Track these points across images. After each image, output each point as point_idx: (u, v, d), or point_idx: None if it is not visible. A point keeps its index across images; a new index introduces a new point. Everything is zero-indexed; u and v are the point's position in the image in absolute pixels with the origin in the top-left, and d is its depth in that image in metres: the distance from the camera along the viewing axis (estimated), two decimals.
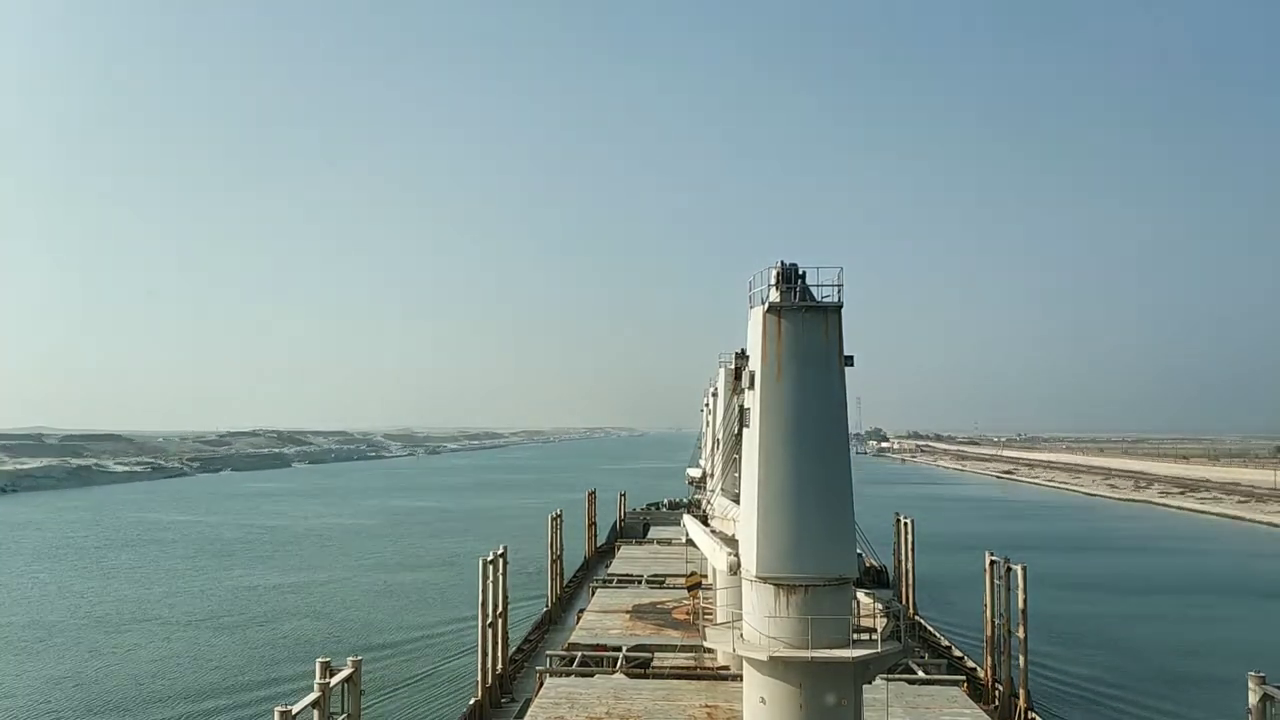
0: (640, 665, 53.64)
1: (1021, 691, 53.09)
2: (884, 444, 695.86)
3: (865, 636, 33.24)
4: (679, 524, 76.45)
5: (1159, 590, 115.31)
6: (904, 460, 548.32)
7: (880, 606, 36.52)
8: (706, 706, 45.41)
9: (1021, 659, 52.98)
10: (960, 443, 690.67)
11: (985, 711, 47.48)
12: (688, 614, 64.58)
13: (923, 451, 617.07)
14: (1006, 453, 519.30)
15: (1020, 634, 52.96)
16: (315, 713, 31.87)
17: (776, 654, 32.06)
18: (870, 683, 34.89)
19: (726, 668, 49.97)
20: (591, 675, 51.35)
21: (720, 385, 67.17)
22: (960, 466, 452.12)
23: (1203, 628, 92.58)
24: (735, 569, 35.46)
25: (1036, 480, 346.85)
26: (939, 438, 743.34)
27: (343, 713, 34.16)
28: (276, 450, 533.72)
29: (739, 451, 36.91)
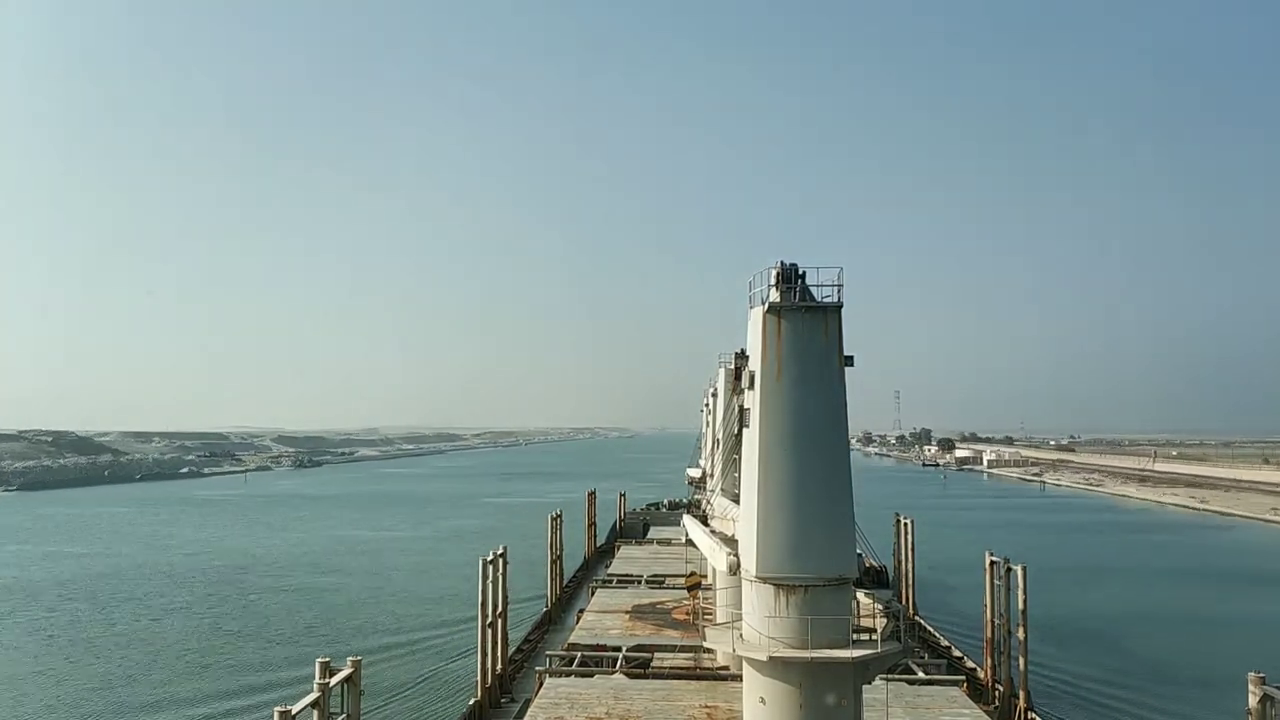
0: (640, 665, 53.61)
1: (1021, 692, 53.11)
2: (958, 452, 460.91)
3: (865, 637, 33.22)
4: (679, 524, 76.39)
5: None
6: (1043, 484, 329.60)
7: (880, 606, 36.50)
8: (706, 707, 45.44)
9: (1021, 659, 53.02)
10: (1048, 448, 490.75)
11: (985, 712, 47.44)
12: (687, 614, 64.55)
13: (1033, 463, 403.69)
14: (1159, 467, 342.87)
15: (1020, 634, 53.00)
16: (315, 713, 31.90)
17: (776, 654, 32.03)
18: (870, 683, 34.88)
19: (726, 668, 49.52)
20: (591, 675, 51.34)
21: (720, 385, 67.11)
22: (1192, 502, 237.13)
23: None
24: (735, 569, 35.43)
25: None
26: (1011, 441, 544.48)
27: (342, 713, 34.18)
28: None
29: (739, 451, 36.88)
